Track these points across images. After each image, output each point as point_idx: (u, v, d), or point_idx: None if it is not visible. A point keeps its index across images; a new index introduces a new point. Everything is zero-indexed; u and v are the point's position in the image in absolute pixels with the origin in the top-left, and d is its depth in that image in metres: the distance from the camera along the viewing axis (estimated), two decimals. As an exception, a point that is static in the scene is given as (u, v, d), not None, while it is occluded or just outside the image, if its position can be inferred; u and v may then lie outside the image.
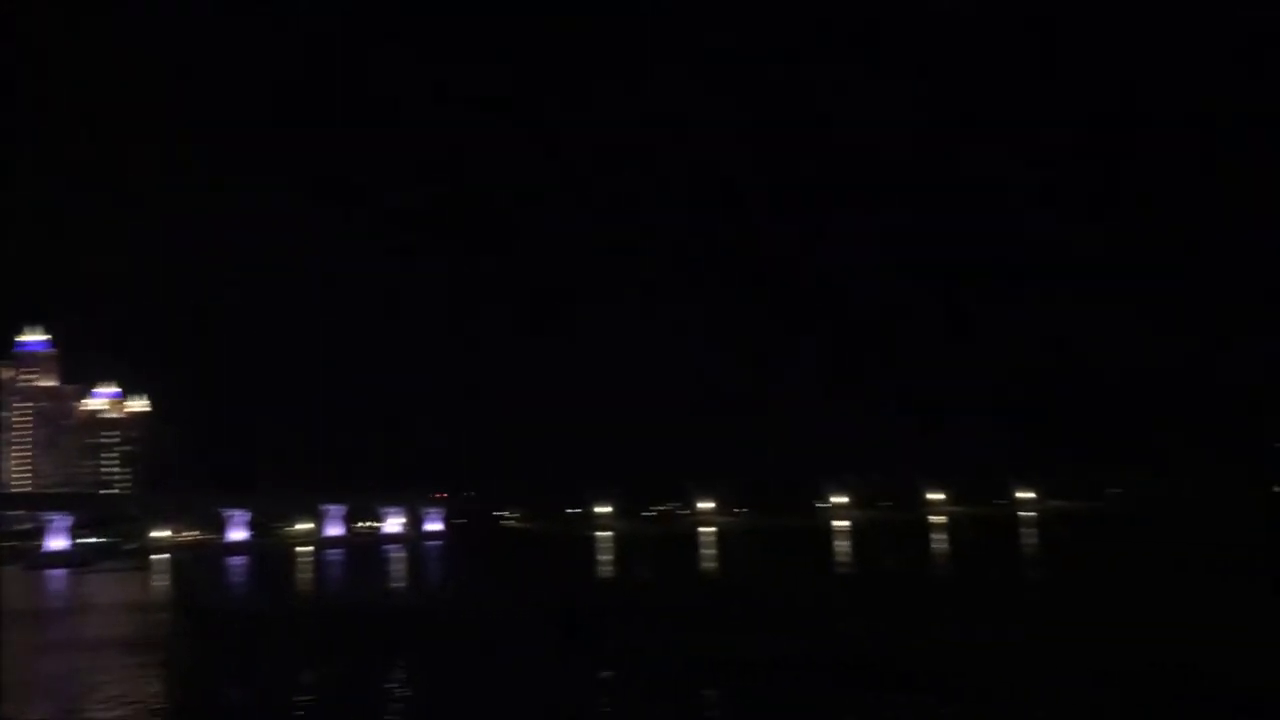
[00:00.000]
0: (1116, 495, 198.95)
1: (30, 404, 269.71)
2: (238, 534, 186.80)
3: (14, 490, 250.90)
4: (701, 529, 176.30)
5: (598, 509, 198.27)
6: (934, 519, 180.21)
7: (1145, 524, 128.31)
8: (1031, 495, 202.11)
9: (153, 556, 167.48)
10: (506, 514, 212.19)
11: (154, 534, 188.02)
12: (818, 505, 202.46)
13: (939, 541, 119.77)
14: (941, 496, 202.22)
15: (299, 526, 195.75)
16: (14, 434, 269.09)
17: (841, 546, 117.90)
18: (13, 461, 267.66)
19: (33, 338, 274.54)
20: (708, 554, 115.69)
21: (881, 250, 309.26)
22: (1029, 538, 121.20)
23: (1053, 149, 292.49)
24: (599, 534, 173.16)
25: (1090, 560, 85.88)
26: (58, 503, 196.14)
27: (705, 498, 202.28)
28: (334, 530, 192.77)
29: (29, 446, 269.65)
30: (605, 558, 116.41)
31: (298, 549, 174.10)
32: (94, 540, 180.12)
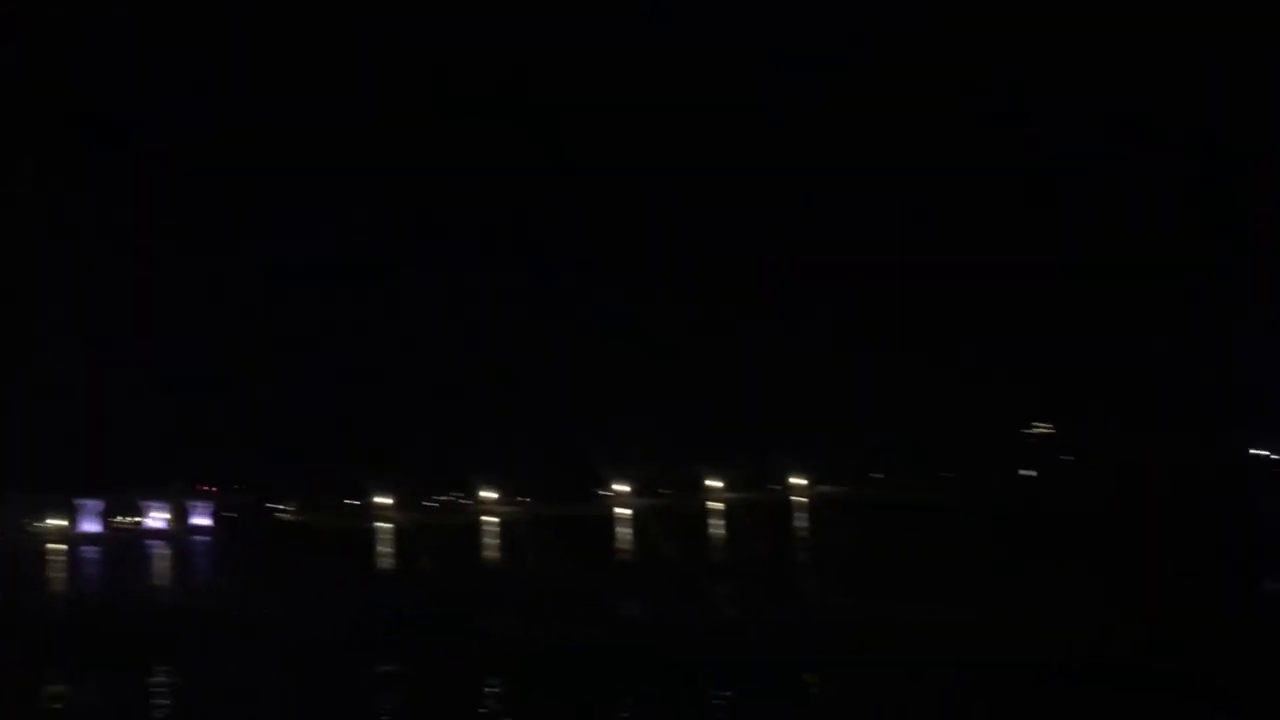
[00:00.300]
0: (879, 480, 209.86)
1: None
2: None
3: None
4: (485, 518, 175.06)
5: (378, 500, 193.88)
6: (711, 505, 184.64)
7: (892, 507, 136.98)
8: (803, 481, 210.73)
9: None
10: (281, 507, 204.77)
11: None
12: (599, 493, 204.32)
13: (713, 527, 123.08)
14: (720, 484, 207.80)
15: (50, 523, 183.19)
16: None
17: (622, 533, 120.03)
18: None
19: None
20: (489, 543, 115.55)
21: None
22: (794, 522, 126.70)
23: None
24: (378, 525, 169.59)
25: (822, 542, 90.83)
26: None
27: (488, 487, 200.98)
28: (90, 526, 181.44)
29: None
30: (383, 549, 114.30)
31: (49, 546, 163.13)
32: None
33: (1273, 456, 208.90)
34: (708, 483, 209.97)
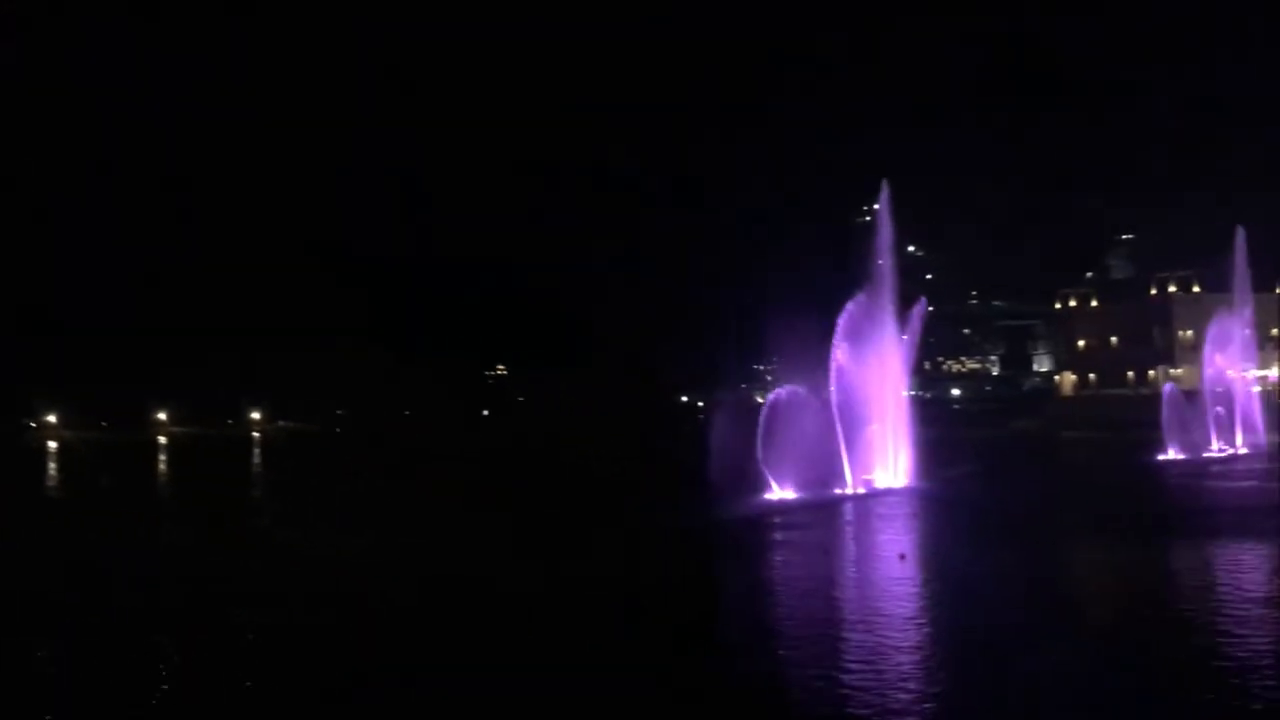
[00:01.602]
0: (345, 417, 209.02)
1: None
2: None
3: None
4: None
5: None
6: (159, 439, 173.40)
7: (356, 442, 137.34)
8: (258, 416, 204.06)
9: None
10: None
11: None
12: (28, 424, 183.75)
13: (141, 462, 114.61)
14: (163, 416, 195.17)
15: None
16: None
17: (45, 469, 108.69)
18: None
19: None
20: None
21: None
22: (242, 456, 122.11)
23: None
24: None
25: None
26: None
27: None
28: None
29: None
30: None
31: None
32: None
33: (698, 404, 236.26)
34: (156, 415, 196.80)
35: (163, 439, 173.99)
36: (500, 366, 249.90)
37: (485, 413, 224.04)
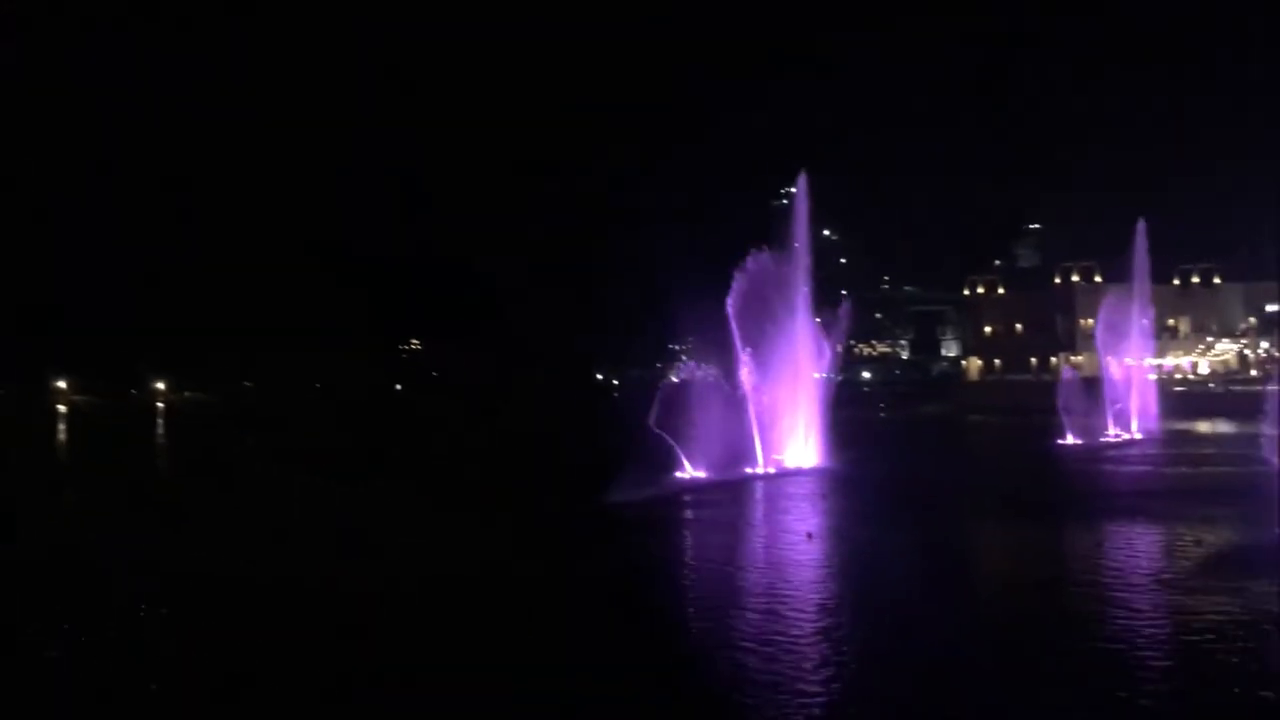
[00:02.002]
0: (251, 389, 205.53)
1: None
2: None
3: None
4: None
5: None
6: (59, 408, 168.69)
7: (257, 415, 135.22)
8: (162, 386, 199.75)
9: None
10: None
11: None
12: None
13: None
14: (63, 385, 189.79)
15: None
16: None
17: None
18: None
19: None
20: None
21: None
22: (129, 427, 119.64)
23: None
24: None
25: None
26: None
27: None
28: None
29: None
30: None
31: None
32: None
33: (613, 381, 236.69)
34: (54, 384, 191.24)
35: (62, 408, 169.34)
36: (414, 341, 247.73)
37: (399, 387, 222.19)
